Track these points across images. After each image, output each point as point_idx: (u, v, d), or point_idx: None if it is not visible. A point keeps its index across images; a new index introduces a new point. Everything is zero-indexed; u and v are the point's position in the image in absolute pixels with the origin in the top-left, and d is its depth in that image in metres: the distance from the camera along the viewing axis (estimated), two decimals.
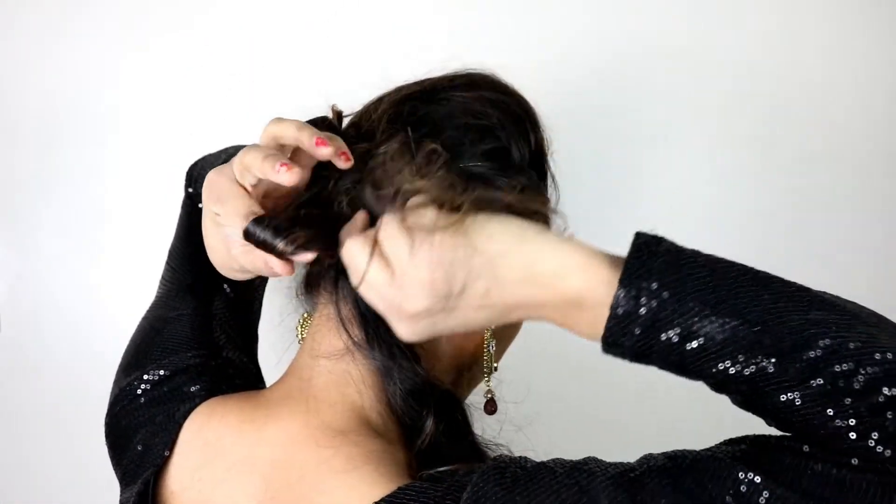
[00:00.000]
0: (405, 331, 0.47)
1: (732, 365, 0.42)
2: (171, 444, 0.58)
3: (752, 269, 0.45)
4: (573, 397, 0.96)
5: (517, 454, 0.52)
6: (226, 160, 0.70)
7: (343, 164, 0.51)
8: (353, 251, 0.47)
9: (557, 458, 0.47)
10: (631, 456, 0.47)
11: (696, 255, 0.45)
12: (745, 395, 0.44)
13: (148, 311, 0.70)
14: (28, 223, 0.95)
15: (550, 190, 0.61)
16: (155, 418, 0.60)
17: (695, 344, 0.43)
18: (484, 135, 0.54)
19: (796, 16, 0.94)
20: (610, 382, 0.93)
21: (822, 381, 0.41)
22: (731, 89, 0.94)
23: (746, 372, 0.42)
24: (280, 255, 0.49)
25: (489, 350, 0.57)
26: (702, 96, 0.95)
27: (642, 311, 0.43)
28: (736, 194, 0.97)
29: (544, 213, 0.54)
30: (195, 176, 0.73)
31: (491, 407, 0.59)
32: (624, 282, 0.43)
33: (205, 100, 0.92)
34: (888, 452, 0.40)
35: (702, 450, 0.46)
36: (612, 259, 0.45)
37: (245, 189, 0.52)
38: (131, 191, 0.94)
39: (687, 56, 0.93)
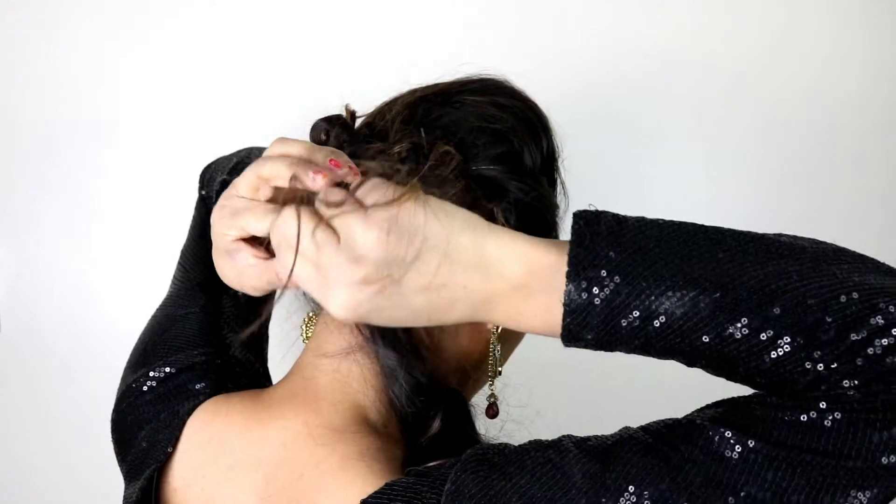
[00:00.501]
0: (342, 300, 0.43)
1: (698, 337, 0.41)
2: (174, 440, 0.58)
3: (701, 226, 0.44)
4: (575, 396, 0.96)
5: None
6: (237, 163, 0.72)
7: (352, 178, 0.48)
8: (288, 218, 0.44)
9: (534, 440, 0.47)
10: None
11: (640, 224, 0.44)
12: (716, 366, 0.43)
13: (158, 310, 0.71)
14: (28, 223, 0.95)
15: (560, 197, 0.62)
16: (160, 415, 0.60)
17: (657, 323, 0.42)
18: (497, 139, 0.54)
19: (797, 15, 0.95)
20: (612, 381, 0.93)
21: (789, 338, 0.40)
22: (732, 89, 0.95)
23: (714, 341, 0.41)
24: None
25: (494, 354, 0.57)
26: (702, 96, 0.95)
27: (597, 301, 0.42)
28: (736, 194, 0.98)
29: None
30: (207, 178, 0.74)
31: (493, 411, 0.59)
32: (571, 274, 0.42)
33: (206, 100, 0.92)
34: (857, 394, 0.39)
35: (677, 418, 0.45)
36: (557, 245, 0.44)
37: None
38: (131, 191, 0.94)
39: (687, 56, 0.94)
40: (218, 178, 0.73)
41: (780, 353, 0.40)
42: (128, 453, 0.61)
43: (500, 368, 0.58)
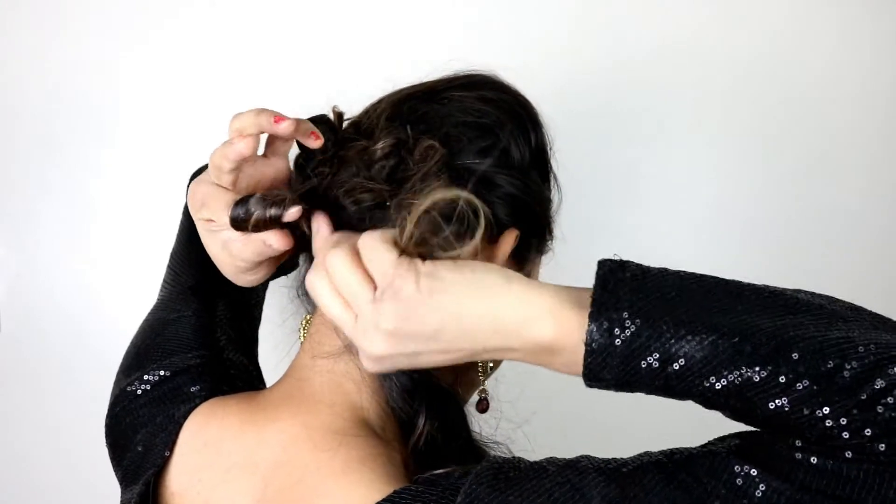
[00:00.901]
0: (369, 366, 0.48)
1: (717, 380, 0.42)
2: (171, 444, 0.57)
3: (721, 279, 0.45)
4: (571, 394, 0.96)
5: (515, 452, 0.52)
6: None
7: (313, 142, 0.52)
8: (317, 287, 0.48)
9: (552, 458, 0.47)
10: (629, 453, 0.47)
11: (662, 274, 0.45)
12: (735, 408, 0.43)
13: (149, 314, 0.70)
14: (28, 223, 0.95)
15: (553, 191, 0.61)
16: (155, 418, 0.60)
17: (676, 366, 0.42)
18: (482, 133, 0.54)
19: (798, 15, 0.94)
20: None
21: (808, 383, 0.40)
22: (732, 88, 0.95)
23: (732, 385, 0.42)
24: (269, 222, 0.50)
25: None
26: (703, 95, 0.95)
27: (617, 342, 0.42)
28: (736, 194, 0.97)
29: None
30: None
31: (482, 406, 0.59)
32: (594, 315, 0.43)
33: (204, 100, 0.92)
34: (882, 447, 0.40)
35: (697, 446, 0.45)
36: (580, 295, 0.45)
37: (224, 187, 0.52)
38: (131, 191, 0.94)
39: (688, 55, 0.93)
40: None
41: (797, 397, 0.41)
42: (123, 458, 0.61)
43: (491, 364, 0.58)
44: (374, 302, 0.45)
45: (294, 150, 0.58)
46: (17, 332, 0.96)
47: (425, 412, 0.53)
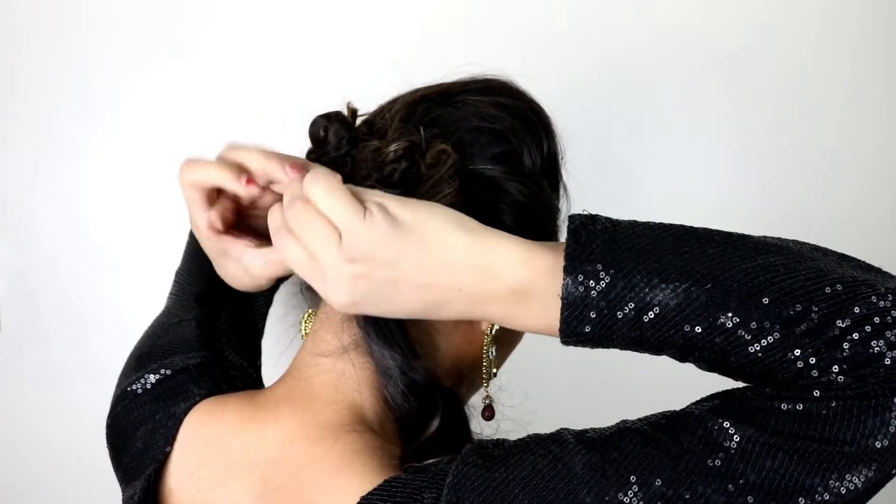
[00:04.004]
0: (339, 294, 0.47)
1: (692, 328, 0.43)
2: (171, 439, 0.58)
3: (690, 227, 0.46)
4: (571, 397, 0.96)
5: None
6: None
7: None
8: (292, 206, 0.48)
9: (533, 434, 0.47)
10: None
11: (632, 225, 0.46)
12: (708, 358, 0.44)
13: (152, 322, 0.71)
14: (28, 223, 0.95)
15: (562, 201, 0.61)
16: (155, 415, 0.60)
17: (651, 315, 0.43)
18: (495, 138, 0.54)
19: (798, 13, 0.94)
20: (608, 382, 0.93)
21: (779, 327, 0.42)
22: (733, 88, 0.95)
23: (706, 331, 0.43)
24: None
25: (489, 356, 0.57)
26: (703, 96, 0.95)
27: (593, 294, 0.43)
28: (736, 194, 0.98)
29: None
30: None
31: (488, 413, 0.59)
32: (568, 269, 0.44)
33: (209, 98, 0.92)
34: (847, 380, 0.41)
35: (675, 409, 0.46)
36: (552, 247, 0.46)
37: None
38: (132, 190, 0.94)
39: (687, 54, 0.94)
40: None
41: (770, 342, 0.42)
42: (123, 456, 0.61)
43: (494, 370, 0.58)
44: (362, 219, 0.46)
45: (306, 144, 0.58)
46: (18, 332, 0.96)
47: (426, 411, 0.53)
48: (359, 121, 0.58)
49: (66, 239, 0.94)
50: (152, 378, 0.62)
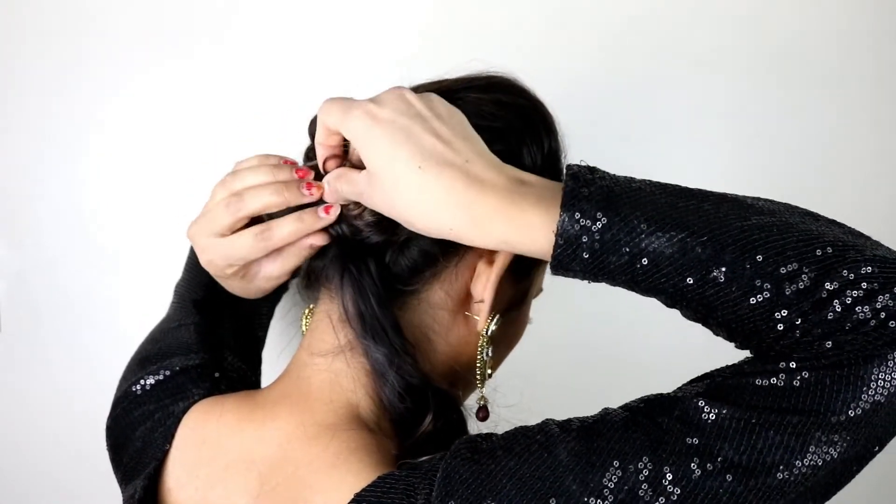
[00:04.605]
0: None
1: (683, 278, 0.44)
2: (170, 437, 0.58)
3: (687, 186, 0.47)
4: (569, 399, 0.96)
5: None
6: None
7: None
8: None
9: (520, 426, 0.48)
10: None
11: (631, 178, 0.47)
12: (696, 309, 0.45)
13: (153, 328, 0.71)
14: (28, 222, 0.95)
15: None
16: (154, 415, 0.60)
17: (645, 261, 0.44)
18: (494, 136, 0.53)
19: (801, 14, 0.94)
20: (607, 385, 0.93)
21: (769, 286, 0.42)
22: (733, 88, 0.95)
23: (697, 283, 0.43)
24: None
25: (483, 356, 0.57)
26: (703, 95, 0.95)
27: (588, 234, 0.44)
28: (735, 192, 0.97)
29: None
30: None
31: (483, 414, 0.59)
32: (566, 205, 0.44)
33: (209, 100, 0.92)
34: (828, 344, 0.41)
35: (653, 393, 0.47)
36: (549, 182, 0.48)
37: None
38: (132, 191, 0.94)
39: (687, 54, 0.94)
40: None
41: (759, 300, 0.42)
42: (123, 456, 0.61)
43: (489, 371, 0.58)
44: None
45: (306, 143, 0.58)
46: (18, 332, 0.96)
47: (421, 412, 0.53)
48: None
49: (66, 239, 0.94)
50: (152, 379, 0.62)
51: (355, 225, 0.54)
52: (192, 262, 0.74)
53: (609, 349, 0.94)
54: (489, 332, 0.56)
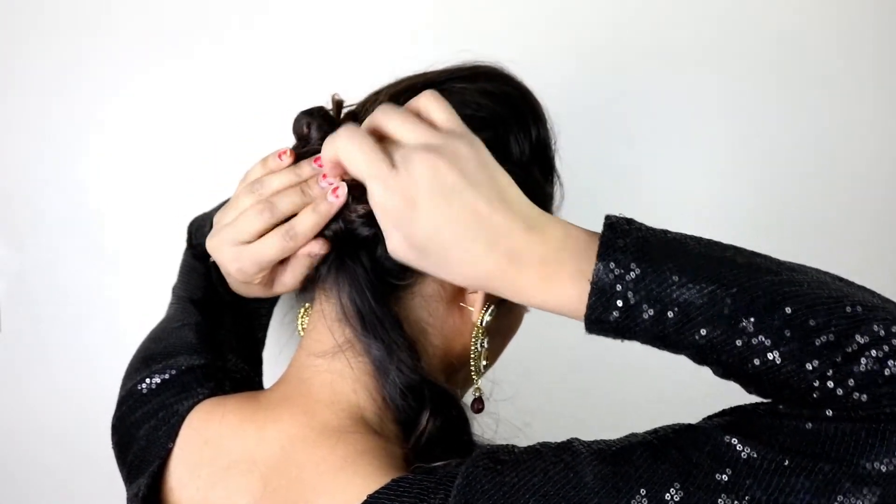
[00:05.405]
0: (405, 233, 0.48)
1: (713, 329, 0.44)
2: (173, 435, 0.58)
3: (719, 241, 0.47)
4: (571, 398, 0.96)
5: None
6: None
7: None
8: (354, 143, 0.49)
9: (544, 442, 0.47)
10: None
11: (665, 231, 0.47)
12: (726, 362, 0.45)
13: (154, 327, 0.71)
14: (28, 222, 0.95)
15: (556, 188, 0.61)
16: (158, 413, 0.60)
17: (676, 311, 0.44)
18: (481, 126, 0.53)
19: (800, 14, 0.94)
20: (608, 384, 0.93)
21: (798, 336, 0.42)
22: (733, 88, 0.95)
23: (726, 334, 0.43)
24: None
25: (477, 347, 0.56)
26: (703, 95, 0.95)
27: (622, 283, 0.44)
28: (736, 193, 0.98)
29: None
30: (195, 230, 0.76)
31: (477, 406, 0.58)
32: (602, 255, 0.45)
33: (209, 100, 0.92)
34: (863, 398, 0.41)
35: (685, 423, 0.47)
36: (585, 230, 0.48)
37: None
38: (132, 191, 0.94)
39: (688, 55, 0.94)
40: (207, 225, 0.75)
41: (788, 350, 0.43)
42: (127, 454, 0.61)
43: (485, 362, 0.57)
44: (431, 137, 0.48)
45: (291, 140, 0.58)
46: (18, 332, 0.96)
47: (424, 409, 0.53)
48: (344, 112, 0.57)
49: (66, 239, 0.94)
50: (158, 378, 0.62)
51: (347, 218, 0.54)
52: (189, 267, 0.74)
53: (606, 343, 0.94)
54: (483, 323, 0.55)
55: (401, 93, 0.56)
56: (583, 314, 0.46)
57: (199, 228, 0.76)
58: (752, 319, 0.43)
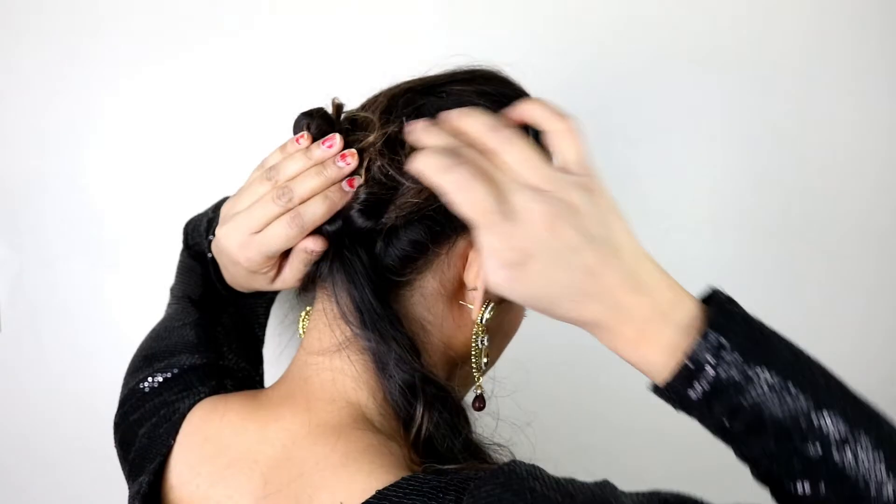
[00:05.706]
0: (514, 275, 0.47)
1: (776, 444, 0.44)
2: (175, 433, 0.58)
3: (814, 358, 0.47)
4: (572, 397, 0.96)
5: (516, 453, 0.52)
6: (213, 217, 0.74)
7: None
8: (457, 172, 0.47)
9: (574, 480, 0.46)
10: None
11: (763, 324, 0.47)
12: (771, 474, 0.46)
13: (154, 325, 0.71)
14: (28, 222, 0.95)
15: None
16: (160, 411, 0.60)
17: (748, 412, 0.44)
18: None
19: (800, 11, 0.94)
20: (609, 382, 0.93)
21: (851, 484, 0.43)
22: (733, 87, 0.95)
23: (782, 454, 0.44)
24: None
25: (478, 344, 0.56)
26: (703, 95, 0.95)
27: (713, 368, 0.44)
28: (737, 193, 0.98)
29: None
30: (191, 230, 0.77)
31: (478, 404, 0.58)
32: (703, 332, 0.45)
33: (209, 99, 0.92)
34: None
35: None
36: (692, 297, 0.48)
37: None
38: (132, 190, 0.94)
39: (688, 54, 0.94)
40: (203, 225, 0.75)
41: (836, 493, 0.44)
42: (130, 452, 0.61)
43: (485, 360, 0.57)
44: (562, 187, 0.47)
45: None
46: (18, 333, 0.96)
47: (423, 405, 0.52)
48: (342, 117, 0.58)
49: (66, 239, 0.95)
50: (160, 377, 0.62)
51: (346, 212, 0.54)
52: (186, 267, 0.74)
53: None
54: (483, 321, 0.55)
55: (400, 94, 0.56)
56: (663, 378, 0.46)
57: (195, 229, 0.76)
58: (817, 443, 0.43)
